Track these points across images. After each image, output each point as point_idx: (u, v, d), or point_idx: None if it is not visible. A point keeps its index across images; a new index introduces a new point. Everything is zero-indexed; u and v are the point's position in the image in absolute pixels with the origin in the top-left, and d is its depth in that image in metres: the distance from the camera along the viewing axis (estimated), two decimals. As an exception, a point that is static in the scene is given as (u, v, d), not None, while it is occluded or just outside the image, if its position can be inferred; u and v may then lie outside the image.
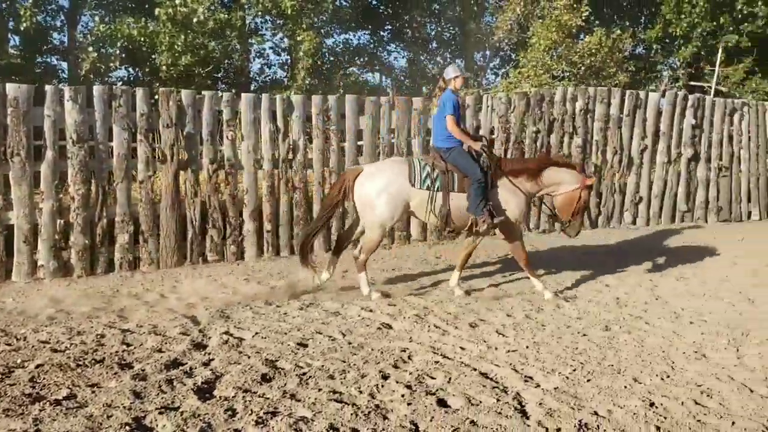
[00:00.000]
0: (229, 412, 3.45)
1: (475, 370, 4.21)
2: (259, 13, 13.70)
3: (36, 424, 3.26)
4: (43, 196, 6.91)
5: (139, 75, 15.07)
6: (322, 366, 4.21)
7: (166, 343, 4.65)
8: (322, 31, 14.29)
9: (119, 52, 13.31)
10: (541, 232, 9.83)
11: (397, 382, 3.95)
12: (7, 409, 3.45)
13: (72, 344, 4.62)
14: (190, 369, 4.11)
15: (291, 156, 8.14)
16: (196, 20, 12.48)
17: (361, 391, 3.80)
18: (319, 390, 3.81)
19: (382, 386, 3.89)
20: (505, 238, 6.54)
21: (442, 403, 3.67)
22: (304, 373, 4.08)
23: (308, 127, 8.40)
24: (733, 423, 3.46)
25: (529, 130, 9.80)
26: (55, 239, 6.94)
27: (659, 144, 10.95)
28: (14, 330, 4.99)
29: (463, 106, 8.85)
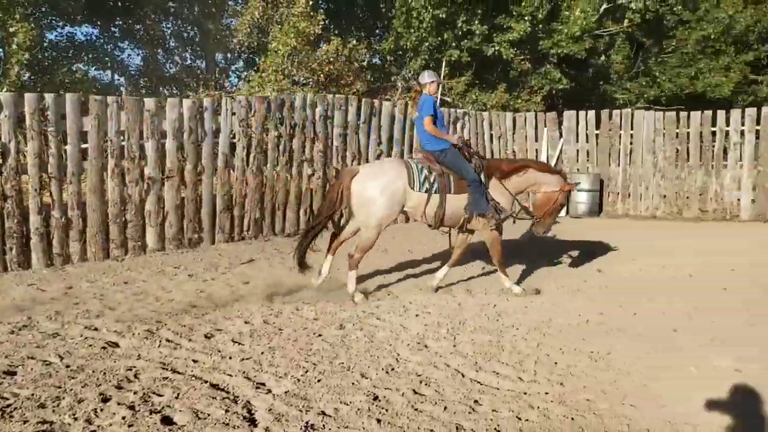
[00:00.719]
0: None
1: (207, 382, 4.06)
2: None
3: None
4: None
5: None
6: (31, 395, 3.75)
7: None
8: (42, 23, 12.93)
9: None
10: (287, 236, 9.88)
11: (119, 404, 3.66)
12: None
13: None
14: None
15: (0, 161, 7.21)
16: None
17: (76, 418, 3.46)
18: (25, 422, 3.39)
19: (101, 410, 3.57)
20: (485, 235, 6.74)
21: (166, 421, 3.48)
22: (8, 405, 3.60)
23: (23, 128, 7.50)
24: (446, 408, 3.73)
25: (271, 134, 9.82)
26: None
27: (394, 149, 11.67)
28: None
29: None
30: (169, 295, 6.39)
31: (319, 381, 4.12)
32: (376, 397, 3.86)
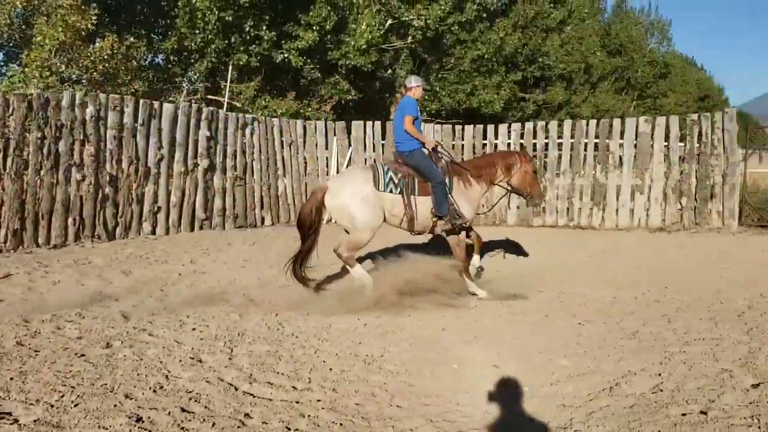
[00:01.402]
0: None
1: (-66, 419, 3.50)
2: None
3: None
4: None
5: None
6: None
7: None
8: None
9: None
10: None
11: None
12: None
13: None
14: None
15: None
16: None
17: None
18: None
19: None
20: (450, 239, 6.97)
21: None
22: None
23: None
24: (214, 424, 3.57)
25: (33, 136, 8.88)
26: None
27: (176, 154, 11.13)
28: None
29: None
30: None
31: (76, 405, 3.74)
32: (139, 419, 3.59)
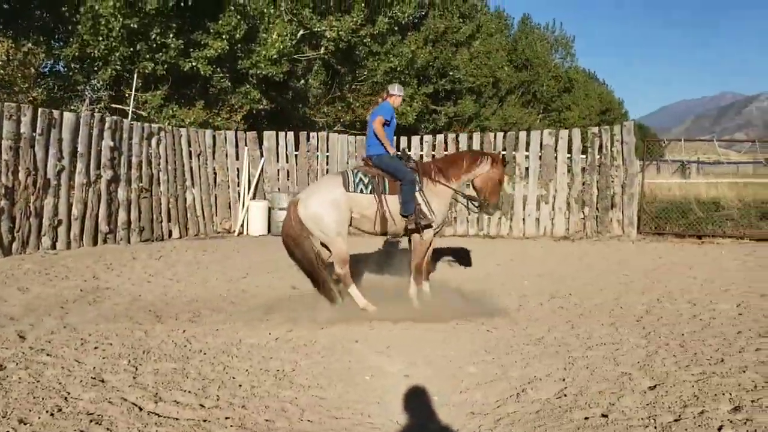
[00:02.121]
0: None
1: None
2: None
3: None
4: None
5: None
6: None
7: None
8: None
9: None
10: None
11: None
12: None
13: None
14: None
15: None
16: None
17: None
18: None
19: None
20: (414, 237, 6.85)
21: None
22: None
23: None
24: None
25: None
26: None
27: (78, 165, 10.65)
28: None
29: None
30: None
31: (-38, 435, 3.50)
32: (28, 447, 3.39)
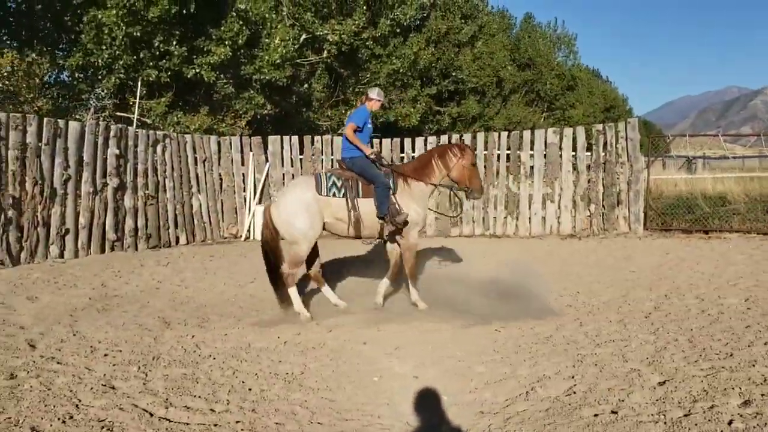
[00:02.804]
0: None
1: None
2: None
3: None
4: None
5: None
6: None
7: None
8: None
9: None
10: None
11: None
12: None
13: None
14: None
15: None
16: None
17: None
18: None
19: None
20: (402, 242, 6.92)
21: None
22: None
23: None
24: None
25: (-76, 157, 8.35)
26: None
27: (84, 173, 10.70)
28: None
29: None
30: None
31: (-26, 443, 3.53)
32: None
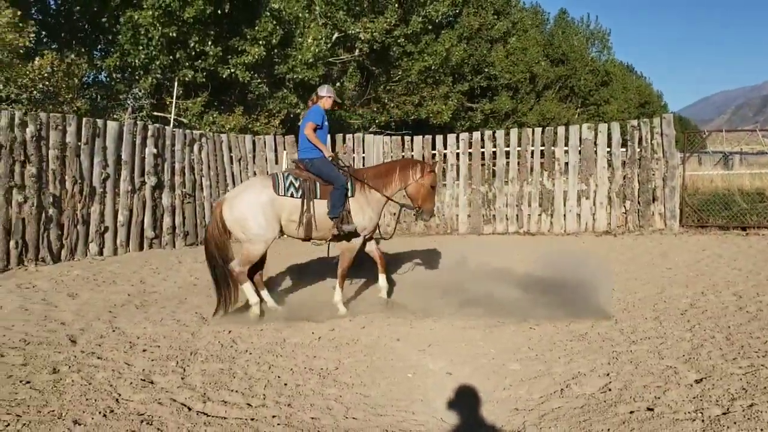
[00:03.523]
0: None
1: None
2: None
3: None
4: None
5: None
6: None
7: None
8: None
9: None
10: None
11: None
12: None
13: None
14: None
15: None
16: None
17: None
18: None
19: None
20: (342, 244, 6.89)
21: None
22: None
23: None
24: (166, 445, 3.51)
25: (-30, 157, 8.60)
26: None
27: (122, 172, 10.92)
28: None
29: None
30: None
31: (18, 433, 3.64)
32: (82, 446, 3.51)
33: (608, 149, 13.53)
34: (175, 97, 14.32)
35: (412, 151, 14.48)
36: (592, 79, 34.86)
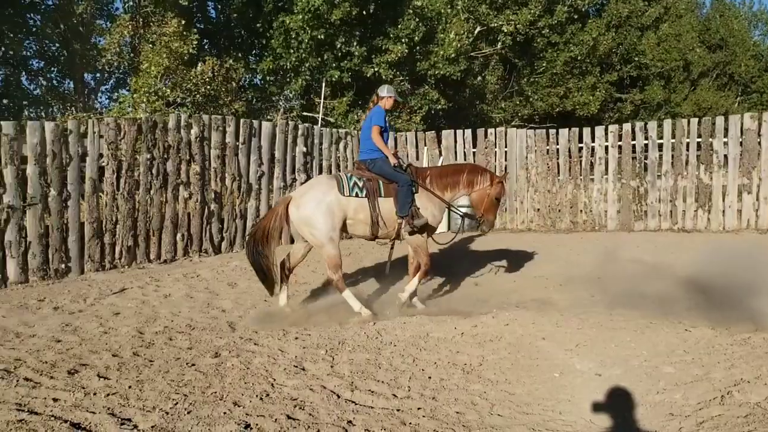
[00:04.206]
0: None
1: (67, 421, 3.79)
2: None
3: None
4: None
5: None
6: None
7: None
8: None
9: None
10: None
11: (-37, 454, 3.36)
12: None
13: None
14: None
15: None
16: None
17: None
18: None
19: (-58, 463, 3.27)
20: (412, 242, 6.90)
21: (16, 470, 3.22)
22: None
23: None
24: (318, 431, 3.69)
25: (143, 157, 9.44)
26: None
27: (275, 170, 11.54)
28: None
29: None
30: (31, 330, 5.97)
31: (189, 413, 3.95)
32: (247, 425, 3.76)
33: (775, 140, 12.43)
34: (322, 98, 14.89)
35: (557, 145, 14.10)
36: (754, 65, 32.04)
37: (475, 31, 18.12)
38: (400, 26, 15.41)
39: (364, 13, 14.70)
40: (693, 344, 5.17)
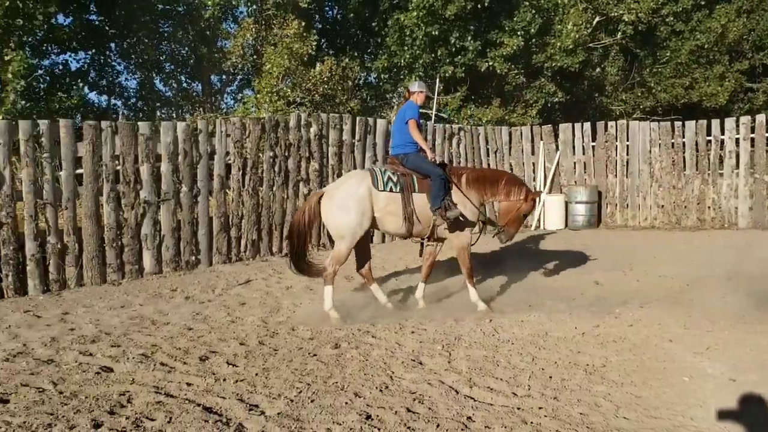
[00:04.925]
0: None
1: (200, 405, 4.04)
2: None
3: None
4: None
5: None
6: (23, 422, 3.74)
7: None
8: (36, 50, 13.07)
9: None
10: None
11: (111, 429, 3.64)
12: None
13: None
14: None
15: (-5, 188, 7.24)
16: None
17: (67, 445, 3.45)
18: (16, 451, 3.38)
19: (93, 436, 3.56)
20: (454, 242, 6.83)
21: (158, 446, 3.46)
22: (1, 434, 3.59)
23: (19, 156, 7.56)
24: (438, 425, 3.71)
25: (266, 155, 9.85)
26: None
27: (389, 166, 11.69)
28: None
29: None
30: (166, 318, 6.39)
31: (312, 401, 4.10)
32: (368, 416, 3.84)
33: None
34: (436, 94, 14.92)
35: (683, 138, 13.40)
36: None
37: (594, 21, 17.51)
38: (515, 19, 15.17)
39: (479, 6, 14.58)
40: (842, 352, 4.78)
